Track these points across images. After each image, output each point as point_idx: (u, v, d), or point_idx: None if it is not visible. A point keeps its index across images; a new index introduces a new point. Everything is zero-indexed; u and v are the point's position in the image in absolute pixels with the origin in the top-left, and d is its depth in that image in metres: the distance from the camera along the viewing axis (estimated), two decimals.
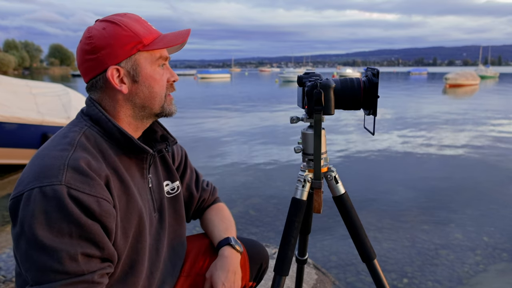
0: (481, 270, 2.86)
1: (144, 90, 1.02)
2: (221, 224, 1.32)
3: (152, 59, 1.02)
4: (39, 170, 0.87)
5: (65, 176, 0.86)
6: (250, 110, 14.78)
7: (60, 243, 0.82)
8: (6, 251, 3.06)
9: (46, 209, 0.83)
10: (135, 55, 1.00)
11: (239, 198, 4.51)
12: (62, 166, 0.87)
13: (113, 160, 0.99)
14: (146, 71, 1.01)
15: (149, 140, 1.15)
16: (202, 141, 8.21)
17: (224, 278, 1.17)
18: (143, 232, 1.03)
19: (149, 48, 1.00)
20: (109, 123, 0.99)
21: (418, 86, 35.60)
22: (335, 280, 2.68)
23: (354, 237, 1.28)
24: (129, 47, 0.98)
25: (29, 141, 5.25)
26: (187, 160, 1.33)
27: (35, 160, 0.91)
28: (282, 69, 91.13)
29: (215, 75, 65.28)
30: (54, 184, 0.84)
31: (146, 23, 1.04)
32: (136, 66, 1.00)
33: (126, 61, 0.99)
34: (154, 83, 1.03)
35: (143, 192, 1.08)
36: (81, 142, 0.95)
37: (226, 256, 1.22)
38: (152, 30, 1.04)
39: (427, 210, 4.08)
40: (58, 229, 0.82)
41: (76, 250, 0.83)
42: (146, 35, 1.00)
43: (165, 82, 1.06)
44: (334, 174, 1.28)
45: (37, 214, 0.82)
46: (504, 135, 8.65)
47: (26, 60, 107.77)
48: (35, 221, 0.82)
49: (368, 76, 1.20)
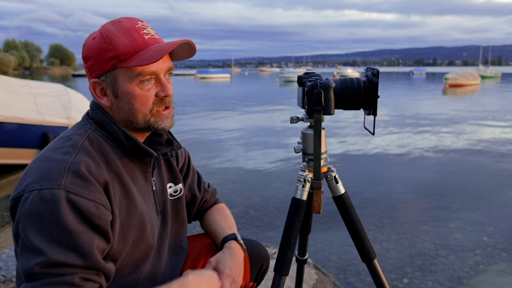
0: (481, 270, 2.86)
1: (124, 106, 1.00)
2: (224, 222, 1.33)
3: (131, 75, 0.97)
4: (40, 173, 0.88)
5: (65, 180, 0.87)
6: (250, 110, 14.78)
7: (47, 248, 0.82)
8: (6, 251, 3.06)
9: (41, 212, 0.83)
10: (113, 71, 0.97)
11: (239, 198, 4.51)
12: (63, 170, 0.88)
13: (115, 165, 0.99)
14: (124, 88, 0.98)
15: (153, 144, 1.16)
16: (202, 141, 8.21)
17: (232, 264, 1.17)
18: (145, 235, 1.04)
19: (125, 65, 0.95)
20: (114, 126, 1.00)
21: (417, 86, 35.60)
22: (335, 280, 2.68)
23: (354, 237, 1.28)
24: (107, 62, 0.97)
25: (29, 141, 5.25)
26: (190, 162, 1.34)
27: (38, 162, 0.92)
28: (282, 69, 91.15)
29: (215, 75, 65.29)
30: (53, 188, 0.85)
31: (138, 32, 0.98)
32: (114, 82, 0.98)
33: (106, 75, 0.98)
34: (133, 100, 0.98)
35: (146, 195, 1.08)
36: (84, 146, 0.95)
37: (233, 247, 1.22)
38: (139, 41, 0.97)
39: (427, 210, 4.08)
40: (49, 233, 0.83)
41: (59, 258, 0.83)
42: (126, 49, 0.96)
43: (150, 98, 0.99)
44: (334, 174, 1.28)
45: (32, 216, 0.84)
46: (504, 135, 8.65)
47: (26, 60, 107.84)
48: (28, 223, 0.84)
49: (368, 76, 1.20)
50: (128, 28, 0.98)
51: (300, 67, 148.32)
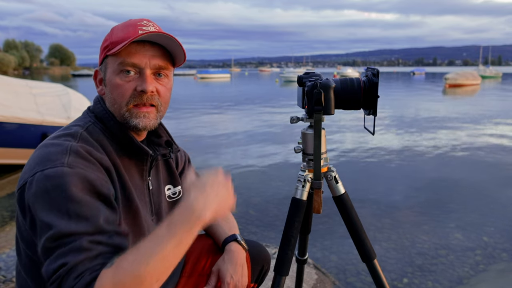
0: (481, 270, 2.86)
1: (108, 95, 1.02)
2: (225, 224, 1.33)
3: (114, 64, 0.99)
4: (41, 157, 0.89)
5: (68, 159, 0.87)
6: (250, 110, 14.78)
7: (56, 221, 0.81)
8: (6, 251, 3.06)
9: (47, 188, 0.83)
10: (106, 59, 1.02)
11: (239, 198, 4.48)
12: (64, 151, 0.89)
13: (113, 157, 1.00)
14: (109, 76, 1.01)
15: (152, 144, 1.16)
16: (202, 141, 8.21)
17: (232, 270, 1.17)
18: (138, 232, 1.03)
19: (109, 52, 0.99)
20: (112, 121, 1.01)
21: (417, 86, 35.59)
22: (335, 280, 2.68)
23: (354, 237, 1.28)
24: (102, 52, 1.02)
25: (29, 141, 5.25)
26: (190, 164, 1.35)
27: (38, 150, 0.93)
28: (282, 69, 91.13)
29: (215, 75, 65.27)
30: (57, 166, 0.85)
31: (135, 26, 0.99)
32: (105, 70, 1.02)
33: (102, 64, 1.03)
34: (114, 89, 1.00)
35: (140, 193, 1.08)
36: (84, 135, 0.97)
37: (234, 251, 1.22)
38: (132, 33, 0.97)
39: (427, 210, 4.08)
40: (57, 207, 0.82)
41: (70, 228, 0.81)
42: (117, 39, 0.98)
43: (127, 89, 0.98)
44: (334, 174, 1.28)
45: (39, 194, 0.83)
46: (504, 135, 8.65)
47: (26, 60, 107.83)
48: (36, 201, 0.84)
49: (368, 76, 1.20)
50: (130, 24, 1.02)
51: (300, 67, 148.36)
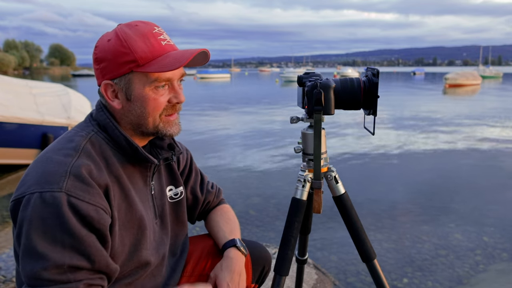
0: (481, 270, 2.86)
1: (136, 109, 1.00)
2: (226, 226, 1.32)
3: (146, 80, 0.97)
4: (41, 175, 0.88)
5: (66, 183, 0.87)
6: (250, 110, 14.78)
7: (51, 251, 0.83)
8: (6, 251, 3.06)
9: (43, 215, 0.84)
10: (129, 74, 0.97)
11: (239, 198, 4.51)
12: (64, 173, 0.88)
13: (116, 168, 1.00)
14: (139, 91, 0.98)
15: (155, 147, 1.16)
16: (202, 141, 8.21)
17: (229, 279, 1.17)
18: (143, 238, 1.04)
19: (143, 70, 0.96)
20: (116, 130, 1.00)
21: (417, 86, 35.59)
22: (335, 280, 2.68)
23: (354, 237, 1.28)
24: (124, 66, 0.96)
25: (29, 141, 5.25)
26: (192, 163, 1.34)
27: (39, 163, 0.92)
28: (282, 69, 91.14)
29: (215, 75, 65.25)
30: (55, 191, 0.85)
31: (155, 37, 0.99)
32: (129, 85, 0.98)
33: (120, 78, 0.98)
34: (146, 104, 0.99)
35: (145, 199, 1.09)
36: (86, 149, 0.96)
37: (232, 257, 1.22)
38: (157, 47, 0.98)
39: (427, 210, 4.08)
40: (52, 237, 0.83)
41: (65, 261, 0.83)
42: (144, 54, 0.96)
43: (162, 103, 1.00)
44: (334, 174, 1.28)
45: (34, 220, 0.84)
46: (504, 135, 8.65)
47: (26, 60, 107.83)
48: (31, 226, 0.84)
49: (368, 76, 1.20)
50: (145, 33, 0.98)
51: (300, 67, 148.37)
